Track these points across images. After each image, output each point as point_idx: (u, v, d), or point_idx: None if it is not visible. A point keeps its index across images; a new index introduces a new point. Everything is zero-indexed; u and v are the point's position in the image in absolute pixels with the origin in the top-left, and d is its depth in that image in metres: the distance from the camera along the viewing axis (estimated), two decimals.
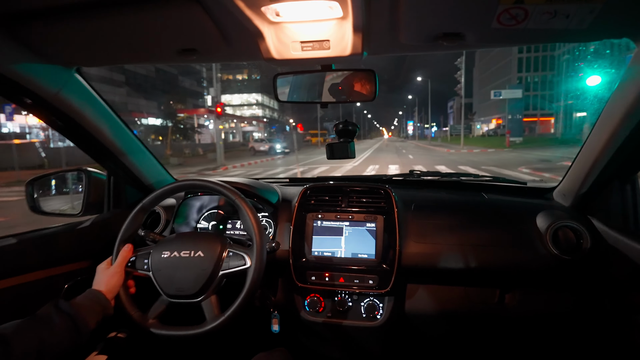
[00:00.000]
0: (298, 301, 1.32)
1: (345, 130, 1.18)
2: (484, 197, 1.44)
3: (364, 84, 1.04)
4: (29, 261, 1.15)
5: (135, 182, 1.48)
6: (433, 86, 49.81)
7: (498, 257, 1.21)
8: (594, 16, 0.71)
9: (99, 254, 1.18)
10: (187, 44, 0.94)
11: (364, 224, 1.29)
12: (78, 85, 1.14)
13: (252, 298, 1.03)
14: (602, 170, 1.10)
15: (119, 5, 0.78)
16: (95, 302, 0.96)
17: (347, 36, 0.86)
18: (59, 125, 1.20)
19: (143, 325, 1.03)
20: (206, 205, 1.57)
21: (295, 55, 0.92)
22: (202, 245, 1.06)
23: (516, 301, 1.26)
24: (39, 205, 1.35)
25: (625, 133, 0.97)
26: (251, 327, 1.44)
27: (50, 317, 0.85)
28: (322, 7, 0.78)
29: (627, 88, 0.92)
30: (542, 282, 1.26)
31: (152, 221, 1.44)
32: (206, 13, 0.79)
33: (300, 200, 1.37)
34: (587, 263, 1.15)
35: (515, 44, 0.94)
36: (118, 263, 1.06)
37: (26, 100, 1.07)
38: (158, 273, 1.05)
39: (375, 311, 1.25)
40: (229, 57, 1.06)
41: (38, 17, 0.82)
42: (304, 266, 1.27)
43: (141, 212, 1.13)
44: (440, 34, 0.83)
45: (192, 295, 1.03)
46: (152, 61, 1.10)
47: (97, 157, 1.35)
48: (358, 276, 1.23)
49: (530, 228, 1.24)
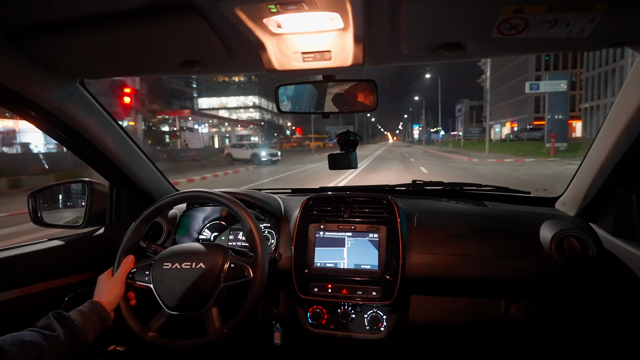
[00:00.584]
0: (300, 313, 1.30)
1: (347, 141, 1.19)
2: (487, 206, 1.43)
3: (365, 94, 1.05)
4: (31, 273, 1.14)
5: (138, 194, 1.48)
6: (436, 94, 48.49)
7: (503, 268, 1.20)
8: (595, 25, 0.71)
9: (101, 265, 1.17)
10: (189, 56, 0.95)
11: (367, 234, 1.28)
12: (81, 97, 1.15)
13: (254, 310, 1.01)
14: (607, 178, 1.09)
15: (122, 18, 0.79)
16: (94, 313, 0.95)
17: (348, 47, 0.86)
18: (62, 137, 1.20)
19: (143, 338, 1.02)
20: (208, 216, 1.57)
21: (296, 66, 0.92)
22: (203, 257, 1.05)
23: (522, 312, 1.24)
24: (42, 217, 1.35)
25: (629, 141, 0.97)
26: (253, 339, 1.42)
27: (49, 329, 0.85)
28: (324, 18, 0.79)
29: (629, 96, 0.92)
30: (548, 293, 1.24)
31: (153, 232, 1.44)
32: (209, 25, 0.80)
33: (302, 211, 1.36)
34: (592, 272, 1.14)
35: (516, 54, 0.95)
36: (119, 274, 1.05)
37: (30, 112, 1.07)
38: (159, 285, 1.04)
39: (379, 323, 1.23)
40: (231, 69, 1.07)
41: (42, 30, 0.83)
42: (306, 277, 1.26)
43: (143, 223, 1.13)
44: (440, 44, 0.83)
45: (193, 307, 1.01)
46: (155, 73, 1.11)
47: (100, 168, 1.36)
48: (361, 287, 1.22)
49: (535, 238, 1.23)
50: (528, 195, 1.55)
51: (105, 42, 0.88)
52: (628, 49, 0.86)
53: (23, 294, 1.11)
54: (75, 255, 1.28)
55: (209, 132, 46.79)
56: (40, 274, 1.16)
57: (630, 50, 0.86)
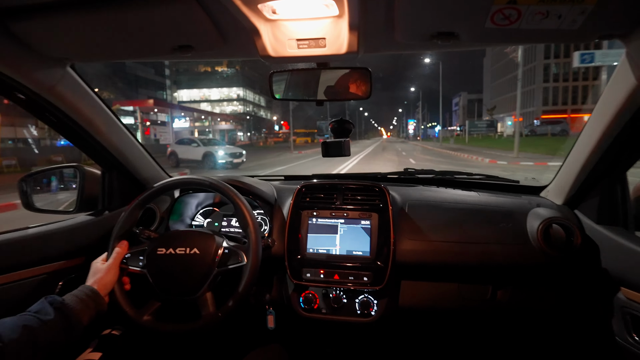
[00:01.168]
0: (293, 298, 1.32)
1: (340, 129, 1.19)
2: (477, 194, 1.46)
3: (359, 83, 1.05)
4: (23, 258, 1.14)
5: (130, 179, 1.47)
6: (432, 86, 45.21)
7: (490, 254, 1.23)
8: (585, 17, 0.72)
9: (94, 250, 1.18)
10: (183, 41, 0.94)
11: (359, 221, 1.30)
12: (72, 81, 1.13)
13: (248, 295, 1.03)
14: (593, 168, 1.12)
15: (114, 1, 0.78)
16: (88, 297, 0.95)
17: (343, 34, 0.86)
18: (53, 121, 1.19)
19: (138, 322, 1.03)
20: (202, 202, 1.57)
21: (291, 53, 0.92)
22: (197, 243, 1.06)
23: (508, 297, 1.28)
24: (33, 202, 1.34)
25: (615, 132, 0.99)
26: (246, 324, 1.44)
27: (43, 313, 0.85)
28: (319, 5, 0.79)
29: (617, 88, 0.94)
30: (533, 279, 1.28)
31: (147, 218, 1.44)
32: (202, 10, 0.79)
33: (295, 198, 1.38)
34: (577, 259, 1.17)
35: (508, 44, 0.96)
36: (113, 259, 1.05)
37: (20, 96, 1.06)
38: (153, 270, 1.05)
39: (370, 307, 1.26)
40: (225, 54, 1.06)
41: (33, 12, 0.81)
42: (299, 263, 1.28)
43: (137, 209, 1.13)
44: (434, 32, 0.84)
45: (187, 292, 1.03)
46: (147, 57, 1.10)
47: (92, 153, 1.35)
48: (353, 273, 1.24)
49: (522, 225, 1.26)
50: (517, 184, 1.58)
51: (96, 26, 0.86)
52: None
53: (16, 279, 1.11)
54: (67, 240, 1.28)
55: (190, 127, 42.01)
56: (32, 260, 1.16)
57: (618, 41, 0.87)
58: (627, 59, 0.88)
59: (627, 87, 0.89)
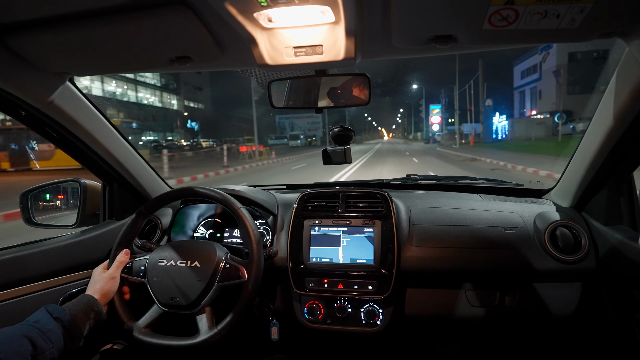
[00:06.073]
0: (297, 308, 1.30)
1: (341, 136, 1.18)
2: (481, 199, 1.44)
3: (358, 88, 1.05)
4: (24, 274, 1.13)
5: (131, 192, 1.47)
6: (430, 89, 38.14)
7: (497, 259, 1.21)
8: (585, 15, 0.72)
9: (94, 265, 1.17)
10: (180, 52, 0.94)
11: (362, 229, 1.29)
12: (72, 95, 1.13)
13: (247, 311, 1.02)
14: (598, 169, 1.11)
15: (111, 14, 0.78)
16: (88, 306, 0.94)
17: (340, 40, 0.86)
18: (53, 136, 1.19)
19: (135, 332, 1.02)
20: (203, 213, 1.56)
21: (288, 61, 0.92)
22: (199, 256, 1.05)
23: (517, 303, 1.25)
24: (34, 218, 1.34)
25: (620, 132, 0.98)
26: (250, 335, 1.42)
27: (42, 322, 0.84)
28: (315, 12, 0.78)
29: (619, 87, 0.92)
30: (541, 283, 1.25)
31: (148, 230, 1.43)
32: (199, 20, 0.79)
33: (297, 207, 1.36)
34: (585, 262, 1.15)
35: (507, 45, 0.95)
36: (114, 268, 1.05)
37: (19, 111, 1.06)
38: (153, 281, 1.04)
39: (375, 317, 1.24)
40: (223, 65, 1.06)
41: (30, 28, 0.82)
42: (302, 273, 1.26)
43: (140, 218, 1.13)
44: (432, 36, 0.83)
45: (187, 306, 1.02)
46: (146, 69, 1.10)
47: (92, 167, 1.35)
48: (357, 282, 1.22)
49: (528, 229, 1.24)
50: (521, 188, 1.56)
51: (94, 39, 0.87)
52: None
53: (17, 295, 1.10)
54: (68, 255, 1.27)
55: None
56: (33, 275, 1.15)
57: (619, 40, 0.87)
58: (629, 57, 0.87)
59: (629, 85, 0.88)
